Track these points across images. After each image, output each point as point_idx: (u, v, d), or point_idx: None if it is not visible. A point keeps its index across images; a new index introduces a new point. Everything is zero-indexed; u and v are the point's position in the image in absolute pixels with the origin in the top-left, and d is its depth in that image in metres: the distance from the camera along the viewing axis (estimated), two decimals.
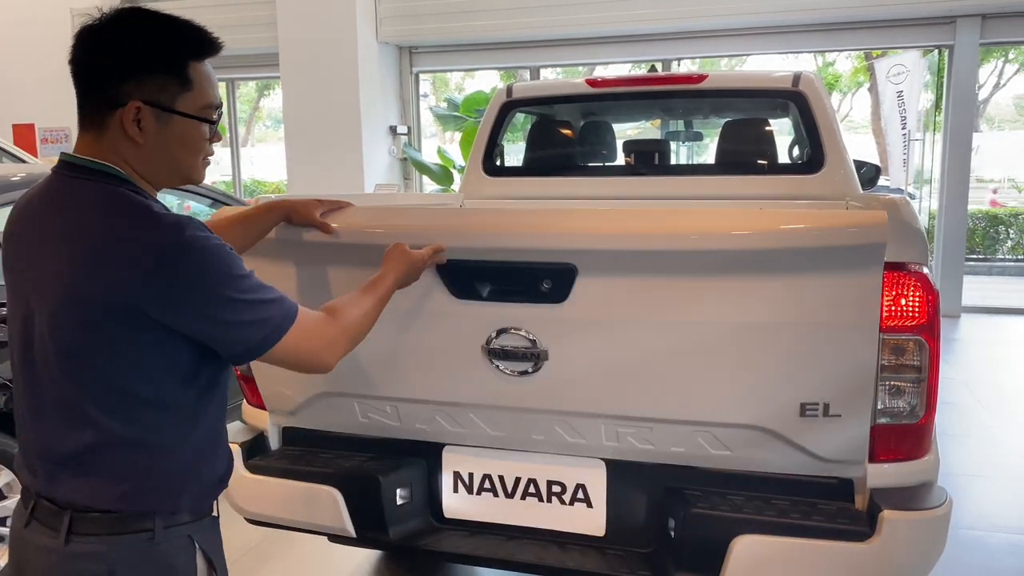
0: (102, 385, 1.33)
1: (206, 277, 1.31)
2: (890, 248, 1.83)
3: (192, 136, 1.42)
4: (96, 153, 1.36)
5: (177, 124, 1.39)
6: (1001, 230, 13.28)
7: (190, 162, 1.45)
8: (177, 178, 1.45)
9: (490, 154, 4.04)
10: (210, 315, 1.33)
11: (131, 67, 1.34)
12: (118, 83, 1.33)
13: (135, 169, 1.39)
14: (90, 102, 1.37)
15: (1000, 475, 4.20)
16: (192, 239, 1.30)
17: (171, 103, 1.37)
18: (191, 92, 1.39)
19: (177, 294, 1.30)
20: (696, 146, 8.18)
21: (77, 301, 1.30)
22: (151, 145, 1.37)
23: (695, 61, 9.30)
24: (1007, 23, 7.98)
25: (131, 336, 1.31)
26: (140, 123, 1.35)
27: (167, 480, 1.39)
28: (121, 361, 1.32)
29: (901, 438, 1.89)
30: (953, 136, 8.18)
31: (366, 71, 8.90)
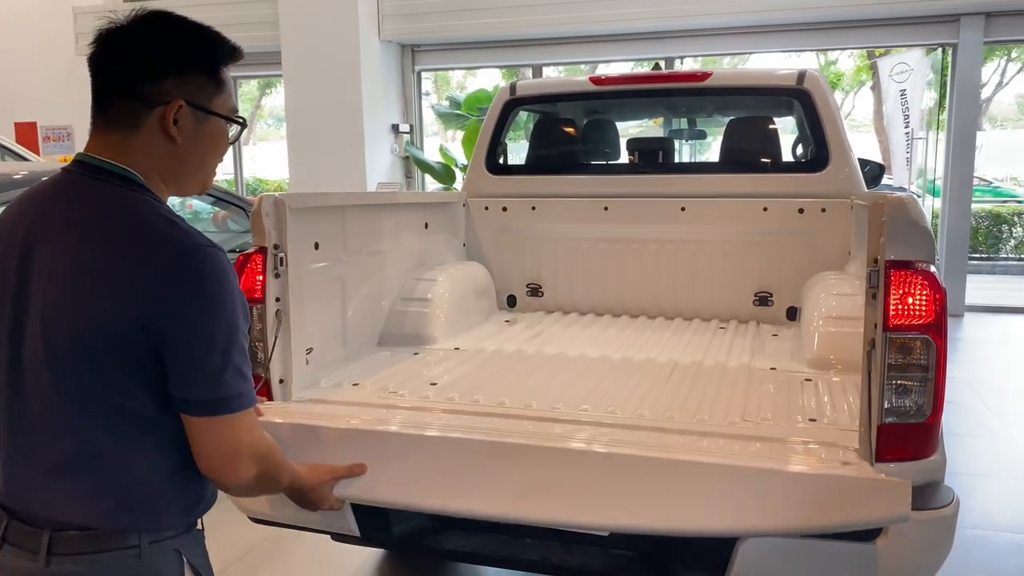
0: (92, 397, 1.29)
1: (207, 302, 1.29)
2: (897, 247, 1.82)
3: (222, 138, 1.44)
4: (118, 156, 1.34)
5: (211, 125, 1.41)
6: (1004, 229, 13.26)
7: (213, 165, 1.46)
8: (197, 183, 1.45)
9: (493, 152, 4.04)
10: (189, 338, 1.28)
11: (173, 66, 1.34)
12: (158, 81, 1.33)
13: (160, 172, 1.37)
14: (119, 102, 1.34)
15: (1004, 474, 4.19)
16: (213, 262, 1.30)
17: (208, 103, 1.39)
18: (223, 95, 1.42)
19: (174, 303, 1.26)
20: (700, 144, 8.16)
21: (82, 310, 1.26)
22: (186, 145, 1.37)
23: (698, 59, 9.29)
24: (1011, 21, 7.96)
25: (127, 351, 1.27)
26: (177, 122, 1.35)
27: (152, 495, 1.34)
28: (113, 374, 1.28)
29: (908, 438, 1.88)
30: (956, 135, 8.17)
31: (368, 69, 8.90)
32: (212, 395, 1.31)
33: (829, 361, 2.73)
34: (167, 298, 1.26)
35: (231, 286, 1.32)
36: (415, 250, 3.48)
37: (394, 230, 3.32)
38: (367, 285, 3.10)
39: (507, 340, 3.25)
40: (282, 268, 2.38)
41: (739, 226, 3.63)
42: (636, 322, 3.66)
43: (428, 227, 3.63)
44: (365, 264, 3.05)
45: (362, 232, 3.01)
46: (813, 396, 2.45)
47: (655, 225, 3.74)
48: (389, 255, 3.24)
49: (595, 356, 2.99)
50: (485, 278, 3.83)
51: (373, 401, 2.44)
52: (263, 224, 2.33)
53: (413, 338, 3.17)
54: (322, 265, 2.69)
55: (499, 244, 3.97)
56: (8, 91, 10.17)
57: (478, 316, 3.62)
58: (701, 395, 2.47)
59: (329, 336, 2.80)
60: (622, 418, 2.25)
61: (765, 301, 3.65)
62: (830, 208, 3.51)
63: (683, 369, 2.80)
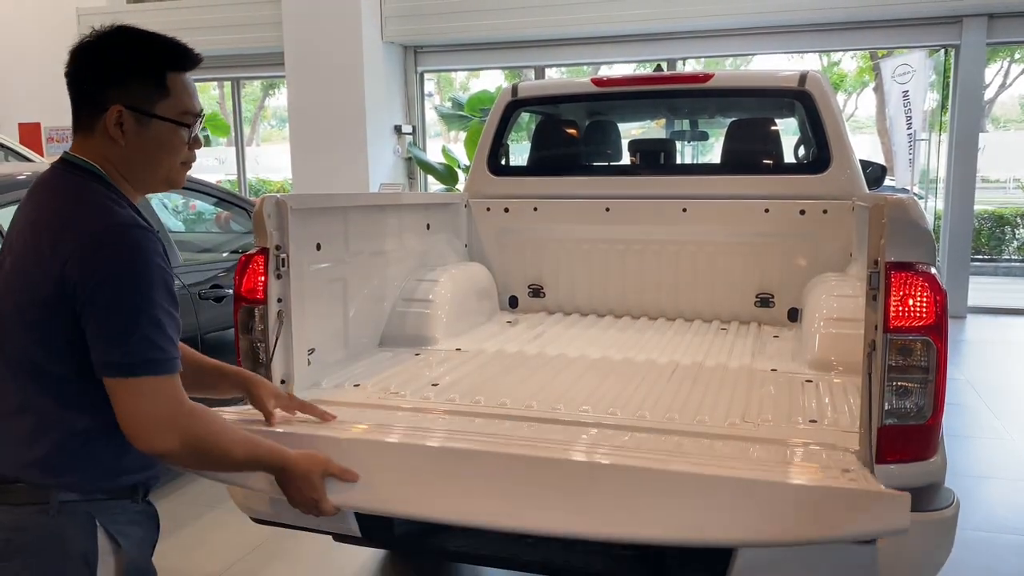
0: (25, 359, 1.42)
1: (125, 272, 1.39)
2: (897, 248, 1.83)
3: (170, 139, 1.55)
4: (85, 154, 1.51)
5: (155, 127, 1.52)
6: (1007, 230, 13.23)
7: (168, 164, 1.57)
8: (157, 181, 1.58)
9: (495, 153, 4.04)
10: (102, 304, 1.38)
11: (114, 75, 1.49)
12: (103, 89, 1.48)
13: (118, 170, 1.52)
14: (80, 108, 1.51)
15: (1006, 476, 4.18)
16: (137, 238, 1.42)
17: (150, 108, 1.51)
18: (169, 99, 1.53)
19: (94, 270, 1.37)
20: (701, 145, 8.16)
21: (23, 279, 1.42)
22: (131, 146, 1.51)
23: (700, 61, 9.29)
24: (1014, 23, 7.95)
25: (52, 315, 1.39)
26: (122, 126, 1.49)
27: (70, 457, 1.43)
28: (42, 338, 1.41)
29: (908, 439, 1.88)
30: (959, 136, 8.16)
31: (371, 70, 8.91)
32: (120, 358, 1.39)
33: (830, 362, 2.73)
34: (84, 265, 1.38)
35: (149, 262, 1.42)
36: (417, 251, 3.49)
37: (396, 231, 3.33)
38: (369, 286, 3.10)
39: (508, 341, 3.26)
40: (284, 269, 2.38)
41: (740, 227, 3.64)
42: (637, 323, 3.67)
43: (430, 228, 3.63)
44: (367, 265, 3.05)
45: (364, 233, 3.01)
46: (814, 397, 2.45)
47: (657, 226, 3.74)
48: (391, 256, 3.25)
49: (596, 357, 2.99)
50: (487, 279, 3.83)
51: (374, 402, 2.45)
52: (265, 225, 2.34)
53: (415, 339, 3.17)
54: (324, 266, 2.70)
55: (501, 245, 3.97)
56: (12, 92, 10.20)
57: (480, 317, 3.63)
58: (702, 396, 2.47)
59: (331, 337, 2.81)
60: (623, 419, 2.26)
61: (766, 302, 3.65)
62: (831, 210, 3.51)
63: (684, 370, 2.80)
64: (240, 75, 10.93)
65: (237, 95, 11.28)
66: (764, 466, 1.82)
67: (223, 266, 4.39)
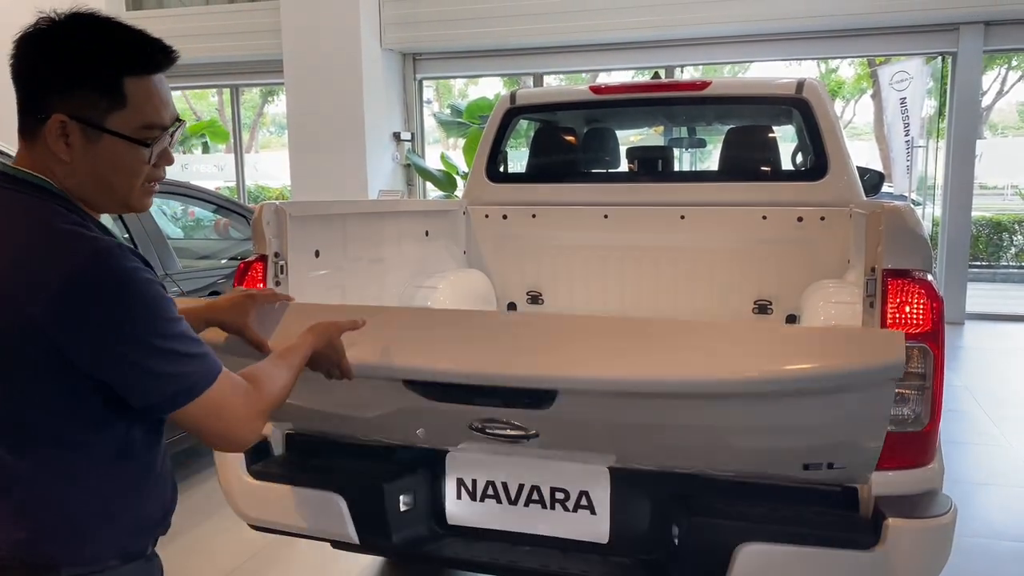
0: (5, 422, 1.21)
1: (125, 314, 1.18)
2: (894, 256, 1.83)
3: (125, 158, 1.27)
4: (30, 164, 1.26)
5: (107, 143, 1.25)
6: (1005, 237, 13.26)
7: (124, 186, 1.30)
8: (112, 203, 1.31)
9: (494, 160, 4.05)
10: (121, 356, 1.19)
11: (58, 78, 1.22)
12: (45, 94, 1.23)
13: (67, 188, 1.26)
14: (24, 112, 1.25)
15: (1005, 483, 4.18)
16: (115, 269, 1.18)
17: (100, 120, 1.24)
18: (125, 110, 1.25)
19: (90, 329, 1.17)
20: (699, 152, 8.18)
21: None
22: (79, 164, 1.25)
23: (698, 68, 9.32)
24: (1010, 30, 7.98)
25: (36, 368, 1.18)
26: (68, 138, 1.23)
27: (72, 525, 1.24)
28: (22, 393, 1.19)
29: (905, 446, 1.89)
30: (957, 143, 8.18)
31: (370, 77, 8.93)
32: (172, 389, 1.24)
33: None
34: (75, 319, 1.16)
35: (139, 283, 1.21)
36: (415, 258, 3.49)
37: (395, 238, 3.33)
38: (367, 293, 3.11)
39: None
40: (283, 276, 2.39)
41: (738, 234, 3.64)
42: None
43: (428, 235, 3.64)
44: (365, 272, 3.06)
45: (362, 240, 3.02)
46: None
47: (655, 233, 3.75)
48: (389, 263, 3.26)
49: None
50: (485, 285, 3.83)
51: None
52: (264, 232, 2.35)
53: None
54: (322, 273, 2.70)
55: (499, 252, 3.98)
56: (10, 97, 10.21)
57: None
58: None
59: None
60: None
61: (764, 309, 3.66)
62: (829, 216, 3.52)
63: None
64: (239, 82, 10.96)
65: (236, 102, 11.30)
66: None
67: (222, 273, 4.40)
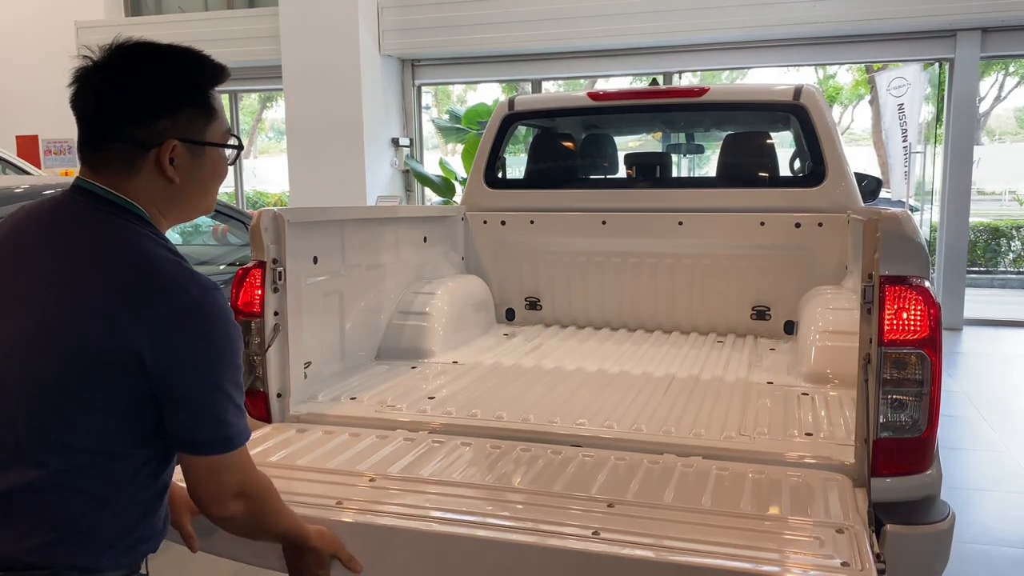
0: (61, 428, 1.24)
1: (214, 349, 1.29)
2: (892, 262, 1.84)
3: (221, 164, 1.42)
4: (118, 189, 1.33)
5: (208, 155, 1.38)
6: (1003, 243, 13.28)
7: (215, 190, 1.45)
8: (200, 211, 1.44)
9: (492, 166, 4.06)
10: (194, 388, 1.28)
11: (163, 106, 1.31)
12: (151, 124, 1.30)
13: (159, 208, 1.36)
14: (112, 145, 1.31)
15: (1003, 489, 4.18)
16: (219, 307, 1.30)
17: (202, 136, 1.36)
18: (215, 121, 1.39)
19: (183, 352, 1.26)
20: (697, 159, 8.20)
21: (74, 340, 1.23)
22: (184, 181, 1.35)
23: (696, 74, 9.33)
24: (1007, 36, 8.01)
25: (113, 385, 1.24)
26: (173, 160, 1.33)
27: (93, 533, 1.27)
28: (91, 407, 1.24)
29: (904, 452, 1.89)
30: (954, 149, 8.20)
31: (368, 83, 8.94)
32: (216, 435, 1.32)
33: (826, 375, 2.73)
34: (176, 347, 1.25)
35: (233, 328, 1.33)
36: (414, 264, 3.49)
37: (393, 244, 3.33)
38: (365, 299, 3.11)
39: (505, 354, 3.26)
40: (280, 282, 2.39)
41: (736, 240, 3.65)
42: (634, 336, 3.67)
43: (427, 241, 3.64)
44: (363, 278, 3.06)
45: (361, 246, 3.02)
46: (810, 410, 2.45)
47: (653, 239, 3.76)
48: (388, 269, 3.26)
49: (593, 370, 2.99)
50: (483, 292, 3.84)
51: (370, 415, 2.45)
52: (262, 238, 2.35)
53: (411, 352, 3.18)
54: (321, 279, 2.70)
55: (498, 258, 3.98)
56: (10, 104, 10.22)
57: (476, 330, 3.63)
58: (698, 409, 2.47)
59: (327, 350, 2.81)
60: (619, 432, 2.26)
61: (762, 315, 3.66)
62: (827, 223, 3.52)
63: (680, 383, 2.81)
64: (238, 88, 10.97)
65: (235, 107, 11.31)
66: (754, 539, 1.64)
67: (220, 279, 4.39)
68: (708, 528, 1.67)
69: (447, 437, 2.26)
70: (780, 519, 1.74)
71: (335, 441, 2.23)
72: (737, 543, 1.59)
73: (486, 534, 1.66)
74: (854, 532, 1.65)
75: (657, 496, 1.85)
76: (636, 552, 1.57)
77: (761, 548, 1.59)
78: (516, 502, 1.83)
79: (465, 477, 1.98)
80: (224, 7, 10.21)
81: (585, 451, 2.14)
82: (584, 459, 2.08)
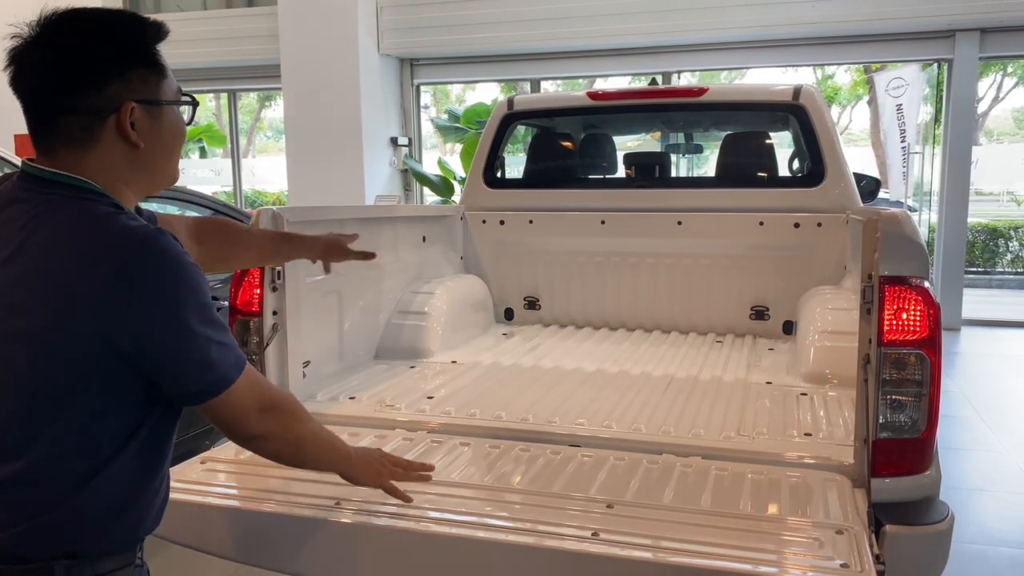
0: (39, 411, 1.20)
1: (170, 296, 1.21)
2: (891, 263, 1.84)
3: (180, 124, 1.36)
4: (75, 170, 1.25)
5: (166, 115, 1.32)
6: (1001, 243, 13.30)
7: (178, 154, 1.38)
8: (166, 179, 1.37)
9: (491, 166, 4.05)
10: (164, 342, 1.22)
11: (110, 68, 1.24)
12: (102, 88, 1.24)
13: (123, 179, 1.29)
14: (62, 120, 1.25)
15: (1001, 489, 4.18)
16: (160, 251, 1.21)
17: (157, 95, 1.30)
18: (167, 79, 1.32)
19: (139, 311, 1.19)
20: (696, 158, 8.20)
21: (33, 321, 1.19)
22: (149, 145, 1.29)
23: (695, 74, 9.34)
24: (1006, 37, 8.02)
25: (85, 365, 1.19)
26: (134, 124, 1.26)
27: (77, 520, 1.22)
28: (65, 389, 1.19)
29: (903, 453, 1.89)
30: (952, 149, 8.21)
31: (367, 83, 8.94)
32: (207, 380, 1.28)
33: (825, 375, 2.74)
34: (131, 307, 1.18)
35: (185, 268, 1.23)
36: (412, 263, 3.49)
37: (392, 243, 3.33)
38: (364, 298, 3.10)
39: (504, 353, 3.26)
40: (279, 282, 2.39)
41: (735, 240, 3.65)
42: (632, 336, 3.67)
43: (426, 240, 3.64)
44: (362, 277, 3.06)
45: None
46: (809, 410, 2.45)
47: (652, 239, 3.76)
48: (386, 268, 3.25)
49: (592, 369, 2.99)
50: (482, 291, 3.83)
51: (369, 415, 2.45)
52: None
53: (410, 351, 3.17)
54: (319, 278, 2.69)
55: (496, 257, 3.98)
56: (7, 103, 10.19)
57: (475, 329, 3.63)
58: (697, 409, 2.47)
59: (326, 349, 2.81)
60: (618, 432, 2.26)
61: (761, 315, 3.66)
62: (826, 223, 3.53)
63: (679, 383, 2.81)
64: (237, 87, 10.96)
65: (234, 107, 11.30)
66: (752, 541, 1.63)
67: (218, 277, 4.38)
68: (707, 529, 1.67)
69: (446, 437, 2.26)
70: (779, 520, 1.74)
71: None
72: (737, 544, 1.59)
73: (485, 535, 1.65)
74: (854, 533, 1.65)
75: (656, 497, 1.85)
76: (635, 554, 1.57)
77: (761, 550, 1.59)
78: (515, 502, 1.83)
79: (464, 477, 1.98)
80: (223, 6, 10.20)
81: (584, 451, 2.14)
82: (583, 459, 2.08)
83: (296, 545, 1.75)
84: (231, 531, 1.82)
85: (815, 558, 1.55)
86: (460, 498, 1.83)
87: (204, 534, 1.77)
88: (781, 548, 1.61)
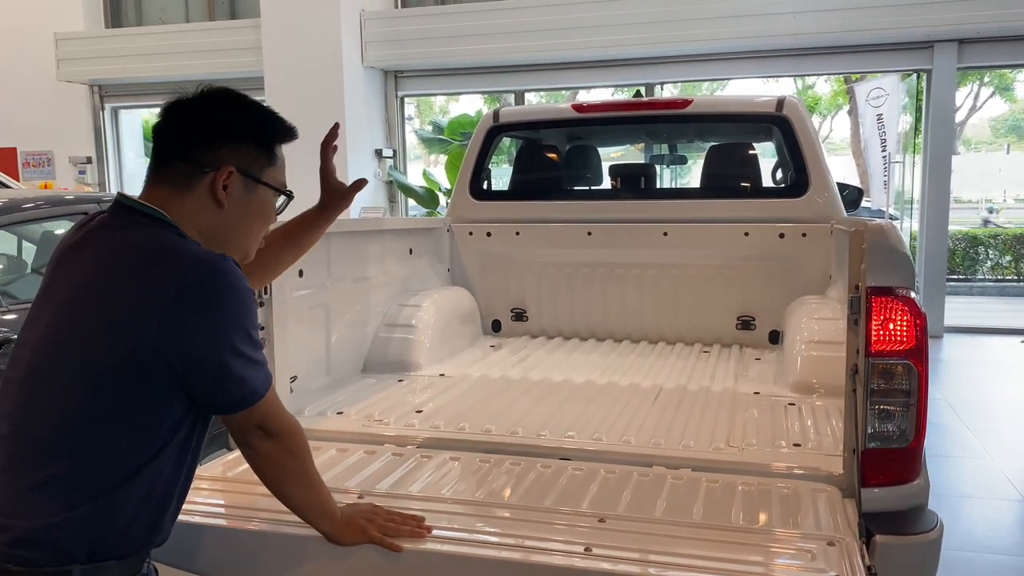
0: (94, 410, 1.32)
1: (221, 318, 1.36)
2: (878, 273, 1.85)
3: (269, 208, 1.55)
4: (163, 207, 1.42)
5: (260, 194, 1.51)
6: (980, 251, 13.45)
7: (258, 233, 1.56)
8: (240, 250, 1.52)
9: (477, 177, 4.06)
10: (207, 356, 1.36)
11: (228, 135, 1.46)
12: (213, 148, 1.44)
13: (201, 231, 1.44)
14: (174, 163, 1.44)
15: (987, 495, 4.21)
16: (220, 278, 1.36)
17: (259, 174, 1.50)
18: (275, 168, 1.54)
19: (193, 328, 1.33)
20: (681, 170, 8.24)
21: (104, 337, 1.33)
22: (233, 210, 1.46)
23: (677, 85, 9.41)
24: (983, 48, 8.14)
25: (140, 372, 1.32)
26: (227, 187, 1.44)
27: (116, 518, 1.33)
28: (120, 391, 1.32)
29: (892, 463, 1.89)
30: (932, 158, 8.30)
31: (352, 95, 8.93)
32: (239, 394, 1.40)
33: (812, 385, 2.75)
34: (184, 319, 1.33)
35: (240, 291, 1.39)
36: (399, 276, 3.48)
37: (378, 256, 3.32)
38: (351, 312, 3.09)
39: (492, 366, 3.25)
40: (266, 296, 2.37)
41: (721, 251, 3.66)
42: (620, 347, 3.67)
43: (412, 253, 3.63)
44: (349, 291, 3.04)
45: (346, 258, 3.00)
46: (797, 420, 2.46)
47: (638, 250, 3.77)
48: (373, 281, 3.24)
49: (580, 381, 2.99)
50: (470, 303, 3.83)
51: (358, 429, 2.43)
52: None
53: (398, 364, 3.16)
54: (306, 292, 2.68)
55: (483, 269, 3.97)
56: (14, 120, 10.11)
57: (463, 341, 3.62)
58: (686, 420, 2.47)
59: (313, 364, 2.79)
60: (608, 445, 2.25)
61: (748, 325, 3.67)
62: (811, 233, 3.55)
63: (668, 394, 2.81)
64: None
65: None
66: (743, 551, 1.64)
67: None
68: (700, 543, 1.66)
69: (435, 451, 2.25)
70: (771, 532, 1.75)
71: (323, 457, 2.20)
72: (730, 558, 1.59)
73: (476, 551, 1.64)
74: (845, 544, 1.65)
75: (648, 510, 1.84)
76: (629, 568, 1.56)
77: (754, 563, 1.59)
78: (506, 517, 1.82)
79: (454, 493, 1.97)
80: (206, 18, 10.16)
81: (574, 464, 2.14)
82: (574, 472, 2.08)
83: (283, 564, 1.73)
84: (216, 550, 1.80)
85: (808, 571, 1.55)
86: (451, 514, 1.82)
87: (189, 553, 1.74)
88: (774, 560, 1.61)
